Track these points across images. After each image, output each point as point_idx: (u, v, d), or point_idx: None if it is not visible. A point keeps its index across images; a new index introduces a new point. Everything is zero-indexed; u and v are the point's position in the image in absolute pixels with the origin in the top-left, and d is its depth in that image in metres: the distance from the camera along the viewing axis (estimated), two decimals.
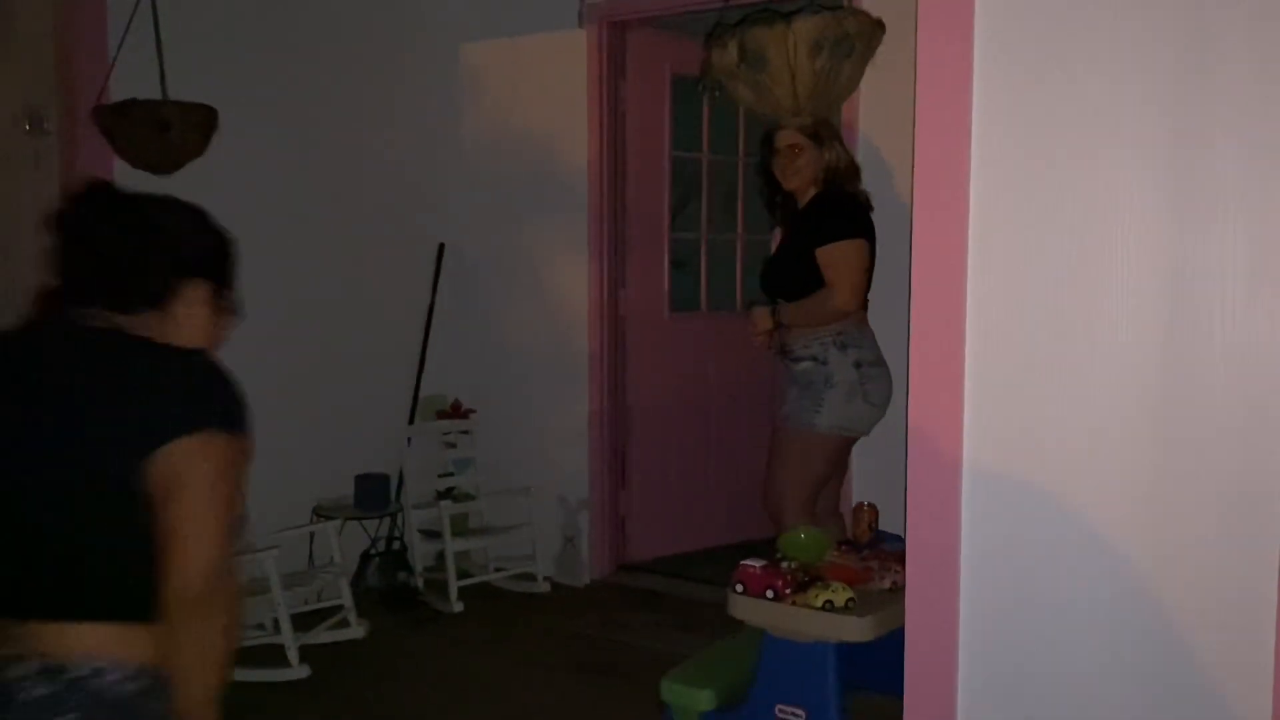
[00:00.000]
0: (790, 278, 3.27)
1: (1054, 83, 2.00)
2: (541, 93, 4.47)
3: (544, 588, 4.33)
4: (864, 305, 3.26)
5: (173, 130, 3.27)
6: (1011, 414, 2.10)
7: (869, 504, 3.20)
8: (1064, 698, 2.11)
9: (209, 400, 1.56)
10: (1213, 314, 1.90)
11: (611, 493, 4.52)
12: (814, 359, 3.23)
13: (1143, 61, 1.91)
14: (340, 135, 4.26)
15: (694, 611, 4.13)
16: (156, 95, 3.33)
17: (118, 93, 3.38)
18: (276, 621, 3.58)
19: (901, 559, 2.99)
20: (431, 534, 4.36)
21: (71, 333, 1.57)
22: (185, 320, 1.63)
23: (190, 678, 1.53)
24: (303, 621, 3.73)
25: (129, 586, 1.51)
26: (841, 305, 3.19)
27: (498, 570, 4.37)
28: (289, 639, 3.53)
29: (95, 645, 1.49)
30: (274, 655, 3.54)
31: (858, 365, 3.22)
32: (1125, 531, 2.04)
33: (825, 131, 3.19)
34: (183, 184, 3.47)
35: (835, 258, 3.17)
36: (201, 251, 1.72)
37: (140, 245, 1.62)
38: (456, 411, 4.60)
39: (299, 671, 3.49)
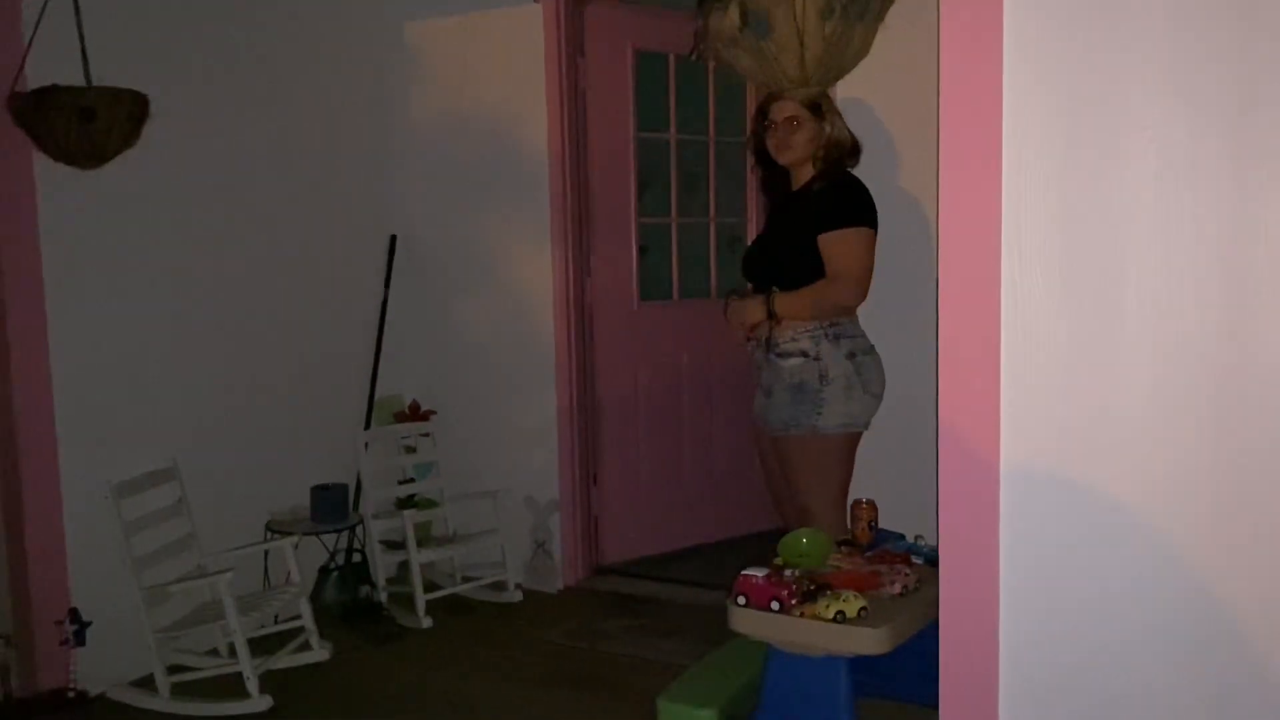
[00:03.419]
0: (785, 264, 3.05)
1: (1096, 40, 1.82)
2: (496, 73, 4.22)
3: (516, 597, 4.10)
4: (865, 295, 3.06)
5: (98, 119, 2.98)
6: (1051, 406, 1.93)
7: (867, 501, 3.02)
8: (1112, 703, 1.96)
9: None
10: (1275, 300, 1.75)
11: (583, 492, 4.31)
12: (804, 354, 3.02)
13: (1202, 10, 1.73)
14: (281, 122, 3.97)
15: (675, 615, 3.96)
16: (79, 81, 3.03)
17: (35, 79, 3.07)
18: (233, 648, 3.31)
19: (908, 560, 2.84)
20: (394, 545, 4.12)
21: None
22: None
23: None
24: (261, 646, 3.47)
25: None
26: (846, 298, 2.99)
27: (466, 580, 4.14)
28: (247, 667, 3.26)
29: None
30: (232, 686, 3.28)
31: (851, 356, 3.03)
32: (1179, 530, 1.88)
33: (826, 104, 2.98)
34: (111, 177, 3.21)
35: (843, 247, 2.96)
36: None
37: None
38: (415, 413, 4.35)
39: (260, 703, 3.24)
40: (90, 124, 2.97)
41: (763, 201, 3.49)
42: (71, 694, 3.21)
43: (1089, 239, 1.88)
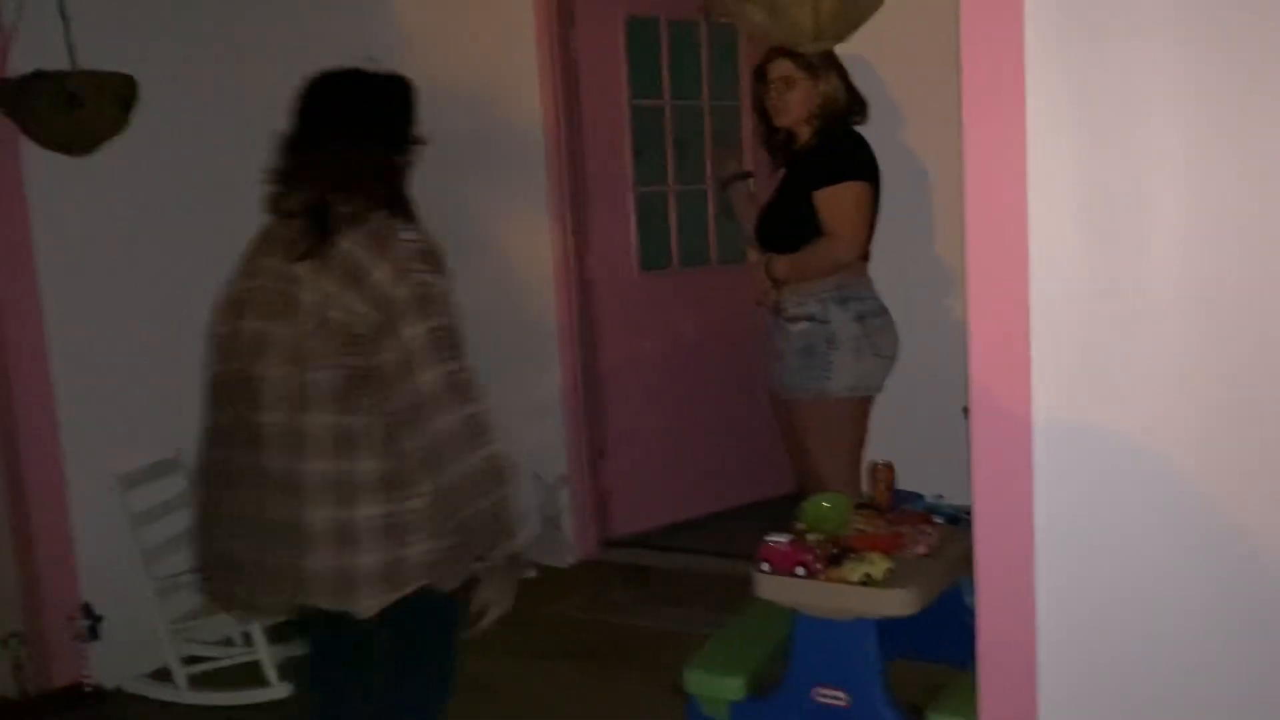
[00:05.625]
0: (786, 225, 3.02)
1: None
2: (485, 43, 4.14)
3: (529, 573, 4.08)
4: (865, 255, 3.03)
5: (85, 105, 2.90)
6: (1083, 357, 1.91)
7: (884, 462, 2.99)
8: (1154, 651, 1.94)
9: None
10: None
11: (590, 466, 4.28)
12: (812, 318, 2.99)
13: None
14: (272, 99, 3.87)
15: (687, 585, 3.94)
16: (65, 65, 2.96)
17: (19, 65, 2.99)
18: (249, 636, 3.28)
19: (929, 519, 2.82)
20: None
21: None
22: None
23: None
24: (278, 632, 3.43)
25: None
26: (841, 255, 2.95)
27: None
28: (265, 654, 3.24)
29: None
30: (250, 674, 3.25)
31: (860, 318, 2.99)
32: (1214, 478, 1.86)
33: (820, 61, 2.92)
34: (102, 165, 3.14)
35: (834, 202, 2.92)
36: None
37: None
38: None
39: (279, 690, 3.21)
40: (77, 110, 2.90)
41: (766, 163, 3.44)
42: (87, 689, 3.18)
43: (1117, 183, 1.84)
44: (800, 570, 2.49)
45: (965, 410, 2.03)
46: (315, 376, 1.98)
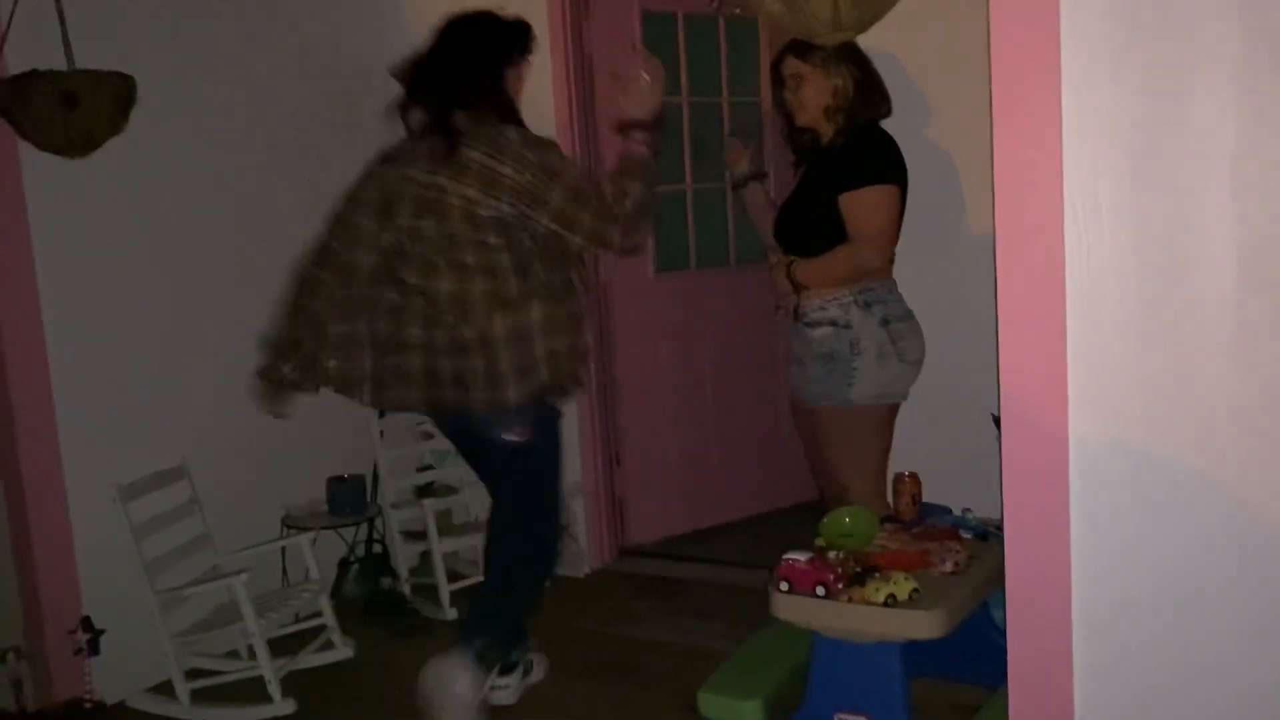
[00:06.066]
0: (808, 227, 2.89)
1: None
2: None
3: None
4: (890, 258, 2.90)
5: (82, 104, 2.82)
6: (1123, 370, 1.78)
7: (910, 474, 2.87)
8: (1199, 705, 1.82)
9: None
10: None
11: (606, 474, 4.17)
12: (833, 323, 2.87)
13: None
14: (274, 98, 3.80)
15: (705, 596, 3.83)
16: (61, 65, 2.87)
17: (15, 64, 2.91)
18: (253, 650, 3.19)
19: (956, 535, 2.69)
20: (414, 535, 3.99)
21: None
22: None
23: None
24: (282, 646, 3.35)
25: None
26: (867, 262, 2.82)
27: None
28: (268, 670, 3.14)
29: None
30: (254, 689, 3.16)
31: (885, 322, 2.87)
32: (1263, 501, 1.73)
33: (832, 54, 2.79)
34: (102, 166, 3.05)
35: (861, 206, 2.79)
36: None
37: None
38: None
39: (283, 707, 3.12)
40: (74, 109, 2.81)
41: (785, 161, 3.32)
42: (88, 704, 3.09)
43: (1161, 184, 1.72)
44: (820, 590, 2.38)
45: (996, 418, 1.91)
46: (474, 257, 2.65)
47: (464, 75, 2.70)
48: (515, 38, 2.80)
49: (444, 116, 2.66)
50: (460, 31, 2.76)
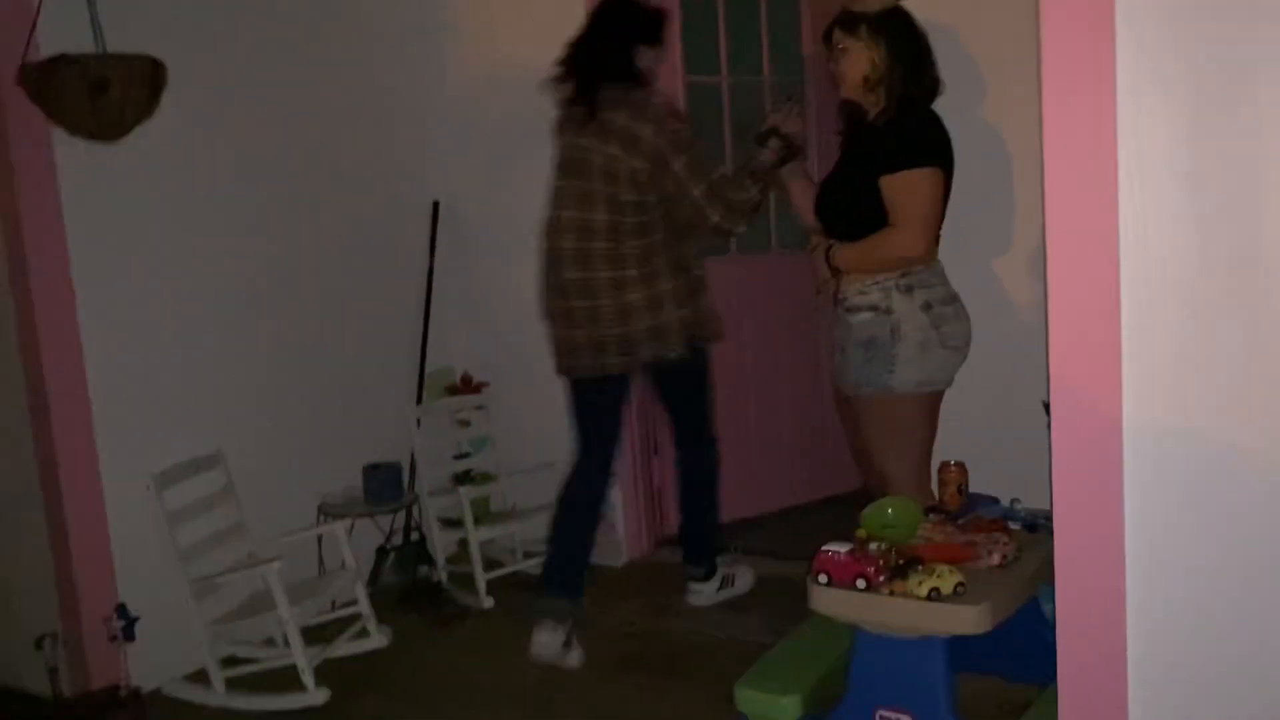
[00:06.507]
0: (849, 209, 2.79)
1: None
2: (532, 26, 3.96)
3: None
4: (935, 239, 2.79)
5: (112, 89, 2.80)
6: (1181, 355, 1.68)
7: (956, 463, 2.77)
8: (1259, 700, 1.71)
9: None
10: None
11: (644, 462, 4.10)
12: (874, 308, 2.77)
13: None
14: (310, 86, 3.77)
15: None
16: (90, 49, 2.85)
17: (46, 48, 2.89)
18: (287, 638, 3.17)
19: (1004, 526, 2.59)
20: (451, 523, 3.95)
21: None
22: None
23: None
24: (317, 635, 3.33)
25: None
26: (909, 249, 2.72)
27: (528, 557, 3.95)
28: (302, 658, 3.12)
29: None
30: (290, 677, 3.13)
31: (927, 307, 2.76)
32: None
33: (875, 25, 2.69)
34: (133, 151, 3.03)
35: (904, 191, 2.69)
36: None
37: None
38: (467, 386, 4.17)
39: (317, 696, 3.09)
40: (104, 94, 2.79)
41: (829, 141, 3.23)
42: (123, 691, 3.08)
43: (1224, 159, 1.61)
44: (861, 583, 2.29)
45: (1046, 405, 1.81)
46: (611, 218, 3.11)
47: (608, 52, 3.13)
48: (651, 22, 3.20)
49: (589, 87, 3.11)
50: (605, 15, 3.20)
